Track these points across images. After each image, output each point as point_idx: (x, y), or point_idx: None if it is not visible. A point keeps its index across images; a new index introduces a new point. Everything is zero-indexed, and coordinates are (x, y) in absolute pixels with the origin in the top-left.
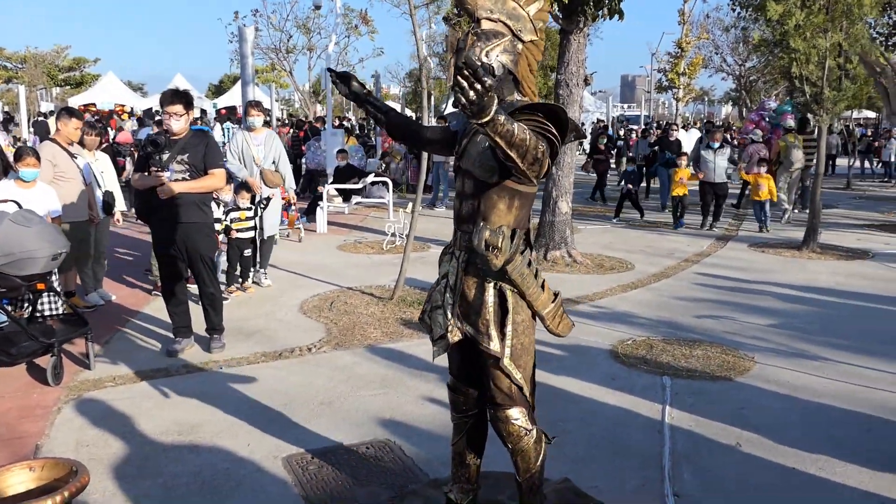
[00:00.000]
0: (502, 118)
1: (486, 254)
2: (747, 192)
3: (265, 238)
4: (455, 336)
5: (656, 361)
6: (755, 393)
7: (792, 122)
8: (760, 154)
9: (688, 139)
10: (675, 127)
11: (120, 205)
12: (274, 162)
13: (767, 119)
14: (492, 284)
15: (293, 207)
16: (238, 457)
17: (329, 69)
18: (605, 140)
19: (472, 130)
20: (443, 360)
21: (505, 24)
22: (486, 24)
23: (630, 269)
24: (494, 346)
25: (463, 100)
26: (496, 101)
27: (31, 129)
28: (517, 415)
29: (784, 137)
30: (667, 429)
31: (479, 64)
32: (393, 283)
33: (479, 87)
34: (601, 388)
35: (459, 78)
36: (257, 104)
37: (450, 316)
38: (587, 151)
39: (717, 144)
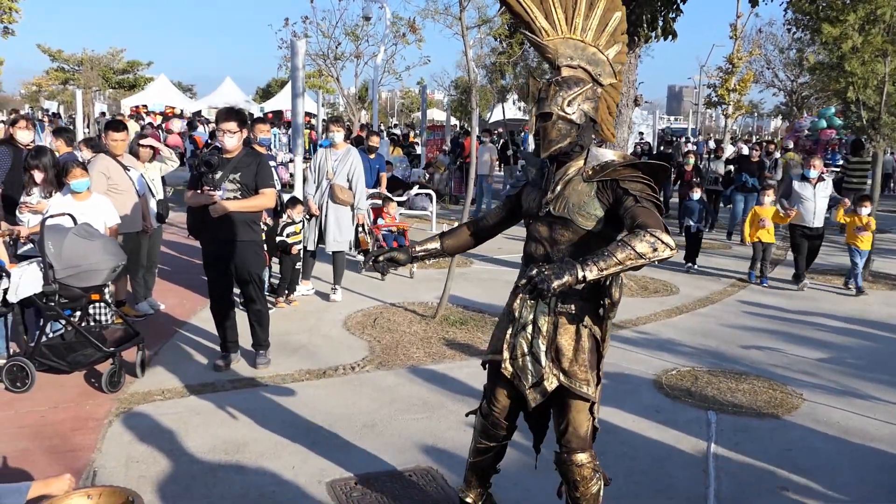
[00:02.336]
0: (592, 267)
1: (606, 303)
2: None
3: (332, 253)
4: (552, 384)
5: (701, 394)
6: (803, 433)
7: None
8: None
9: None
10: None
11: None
12: (349, 178)
13: (806, 136)
14: (587, 329)
15: (360, 228)
16: (283, 479)
17: (363, 267)
18: (693, 161)
19: (563, 177)
20: (481, 384)
21: (585, 69)
22: (566, 72)
23: (675, 293)
24: (591, 390)
25: (555, 289)
26: (575, 270)
27: (88, 133)
28: (589, 459)
29: (784, 155)
30: (711, 468)
31: (530, 279)
32: (436, 300)
33: (547, 290)
34: (644, 420)
35: (530, 290)
36: (338, 120)
37: (544, 362)
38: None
39: (814, 173)
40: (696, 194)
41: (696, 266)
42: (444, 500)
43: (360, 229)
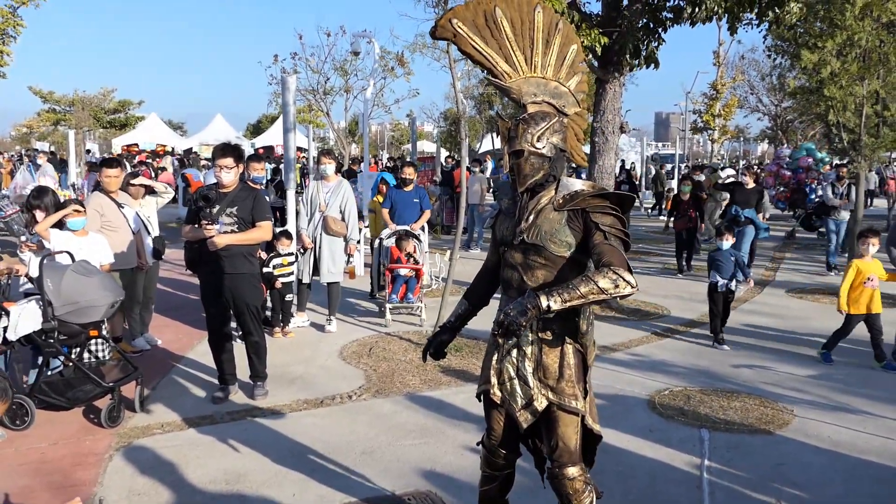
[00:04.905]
0: (556, 298)
1: (581, 323)
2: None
3: (327, 284)
4: (542, 403)
5: (694, 413)
6: (795, 448)
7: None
8: None
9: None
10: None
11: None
12: (341, 210)
13: (786, 166)
14: (571, 346)
15: (351, 258)
16: None
17: (424, 357)
18: (689, 188)
19: (535, 207)
20: (481, 410)
21: (549, 103)
22: (532, 108)
23: (666, 314)
24: (580, 404)
25: (523, 324)
26: (536, 301)
27: (80, 172)
28: (580, 472)
29: (713, 175)
30: (706, 484)
31: (500, 325)
32: (430, 328)
33: (516, 327)
34: (639, 439)
35: (500, 337)
36: (328, 152)
37: (532, 383)
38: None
39: None
40: (727, 241)
41: (725, 344)
42: None
43: (349, 259)
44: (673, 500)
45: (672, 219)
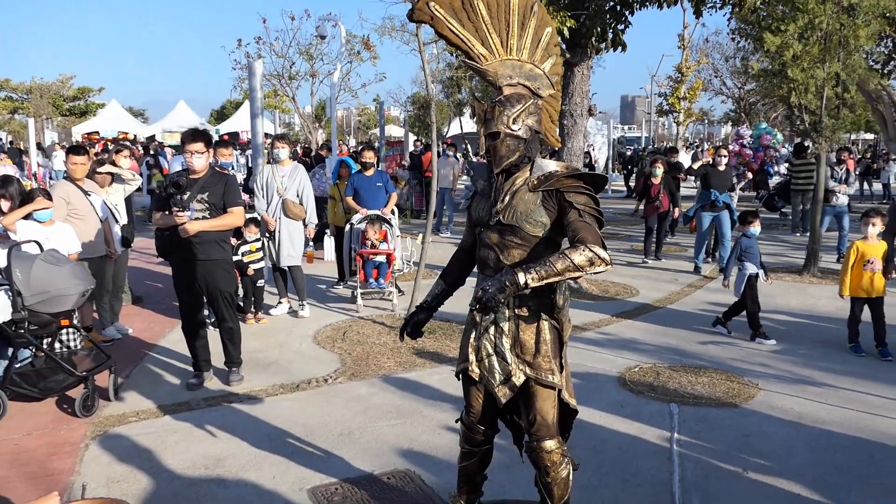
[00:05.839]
0: (534, 275)
1: (557, 298)
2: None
3: (288, 268)
4: (520, 378)
5: (663, 388)
6: (760, 420)
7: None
8: None
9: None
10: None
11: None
12: (298, 194)
13: (748, 146)
14: (547, 322)
15: (310, 242)
16: (264, 489)
17: (401, 336)
18: (660, 171)
19: (510, 188)
20: (456, 390)
21: (524, 85)
22: (507, 90)
23: (635, 295)
24: (557, 378)
25: (501, 301)
26: (514, 278)
27: (39, 162)
28: (557, 445)
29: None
30: (675, 456)
31: (478, 300)
32: (404, 312)
33: (494, 303)
34: (610, 415)
35: (478, 313)
36: (283, 137)
37: (509, 359)
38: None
39: None
40: (756, 228)
41: (768, 339)
42: (423, 499)
43: (309, 244)
44: (644, 471)
45: (642, 203)
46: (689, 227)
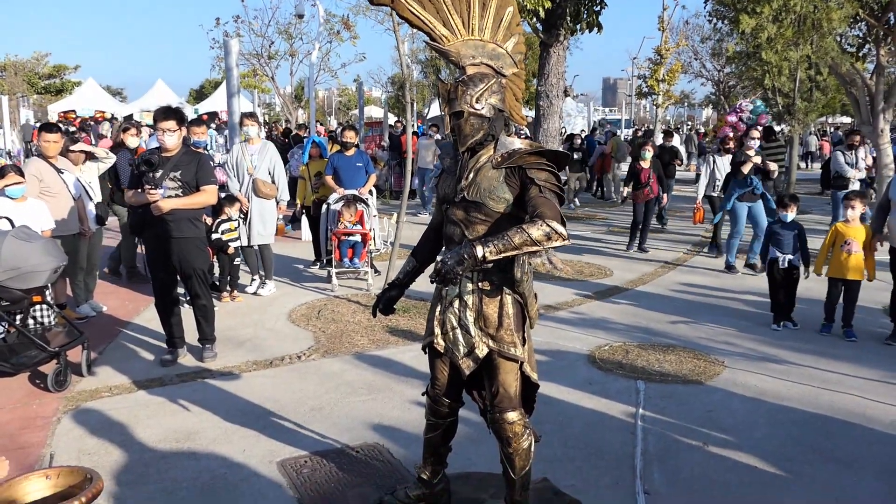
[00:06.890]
0: (491, 248)
1: (516, 271)
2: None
3: (258, 246)
4: (483, 351)
5: (631, 366)
6: (724, 396)
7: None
8: None
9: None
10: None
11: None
12: (270, 172)
13: (745, 121)
14: (510, 297)
15: (280, 217)
16: (234, 462)
17: (374, 313)
18: (650, 155)
19: (475, 165)
20: (424, 366)
21: (487, 64)
22: (470, 70)
23: (609, 276)
24: (519, 351)
25: (459, 273)
26: (473, 251)
27: (14, 140)
28: (519, 417)
29: (615, 138)
30: (639, 430)
31: (437, 272)
32: (378, 290)
33: (453, 275)
34: (578, 391)
35: (435, 283)
36: (251, 115)
37: (473, 332)
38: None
39: None
40: (791, 213)
41: (793, 324)
42: (391, 471)
43: (288, 225)
44: (608, 446)
45: (629, 190)
46: (693, 220)
